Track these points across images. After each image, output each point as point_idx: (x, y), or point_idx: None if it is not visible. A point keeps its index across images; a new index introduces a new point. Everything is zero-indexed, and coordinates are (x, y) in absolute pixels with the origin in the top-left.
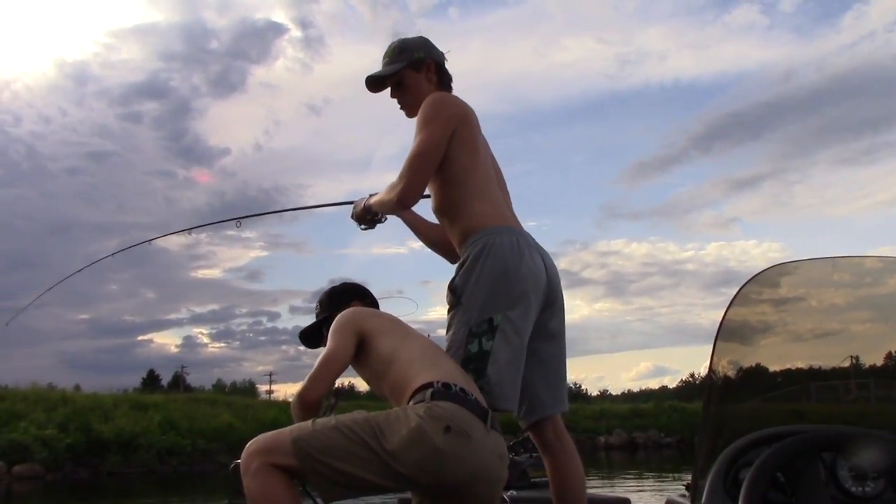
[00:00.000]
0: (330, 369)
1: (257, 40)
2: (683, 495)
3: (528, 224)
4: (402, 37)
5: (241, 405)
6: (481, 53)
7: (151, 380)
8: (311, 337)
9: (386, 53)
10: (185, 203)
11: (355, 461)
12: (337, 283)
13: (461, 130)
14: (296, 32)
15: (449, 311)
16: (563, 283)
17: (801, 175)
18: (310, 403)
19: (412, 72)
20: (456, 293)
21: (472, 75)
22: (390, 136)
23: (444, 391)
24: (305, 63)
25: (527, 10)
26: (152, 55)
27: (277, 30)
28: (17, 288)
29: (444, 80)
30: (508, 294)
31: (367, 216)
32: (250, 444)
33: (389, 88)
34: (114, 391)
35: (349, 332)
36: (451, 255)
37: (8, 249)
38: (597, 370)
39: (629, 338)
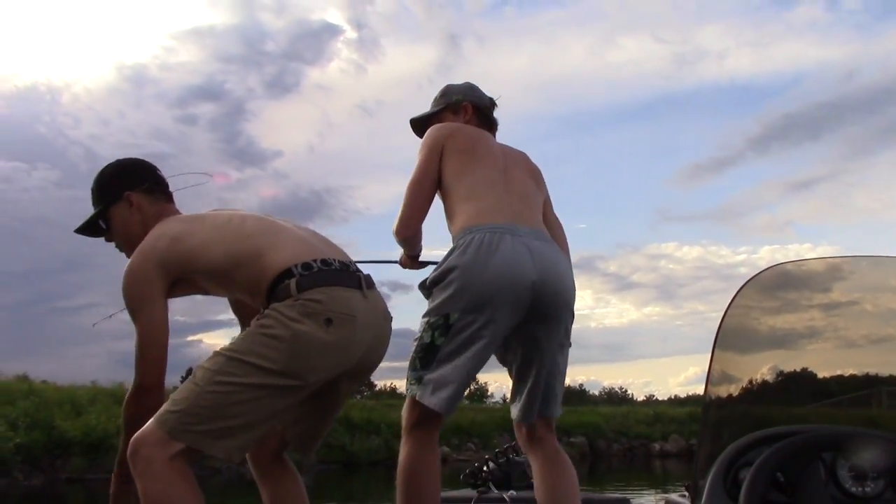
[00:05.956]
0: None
1: (312, 42)
2: (683, 495)
3: (578, 226)
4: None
5: None
6: (534, 53)
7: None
8: (91, 229)
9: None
10: (239, 204)
11: (250, 407)
12: (111, 163)
13: (449, 144)
14: (351, 33)
15: None
16: (612, 287)
17: (860, 177)
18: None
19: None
20: (428, 287)
21: (524, 76)
22: None
23: (307, 275)
24: (359, 64)
25: (583, 8)
26: (210, 57)
27: (332, 31)
28: (73, 288)
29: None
30: (467, 293)
31: (410, 263)
32: (136, 447)
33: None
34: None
35: (153, 282)
36: None
37: (64, 250)
38: (644, 375)
39: (678, 343)
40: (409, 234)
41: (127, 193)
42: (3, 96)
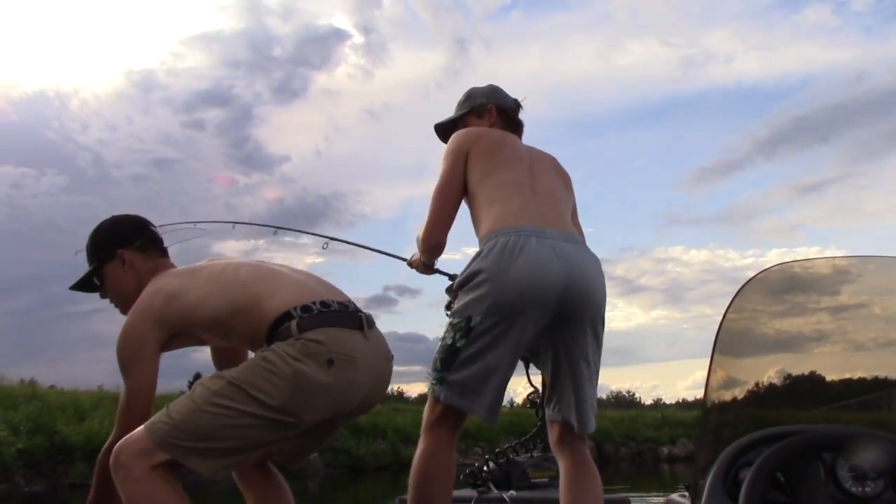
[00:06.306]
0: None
1: (320, 46)
2: (683, 495)
3: (585, 230)
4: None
5: None
6: (541, 57)
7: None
8: (86, 286)
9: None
10: (245, 209)
11: (241, 433)
12: (105, 220)
13: (474, 148)
14: (358, 38)
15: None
16: (619, 291)
17: (870, 180)
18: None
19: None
20: (454, 289)
21: (531, 80)
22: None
23: (307, 317)
24: (367, 69)
25: (590, 12)
26: (217, 62)
27: (340, 36)
28: (81, 293)
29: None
30: (490, 296)
31: (422, 268)
32: (119, 453)
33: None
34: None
35: (151, 343)
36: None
37: (73, 258)
38: (652, 378)
39: (686, 346)
40: (435, 242)
41: (120, 251)
42: (11, 102)
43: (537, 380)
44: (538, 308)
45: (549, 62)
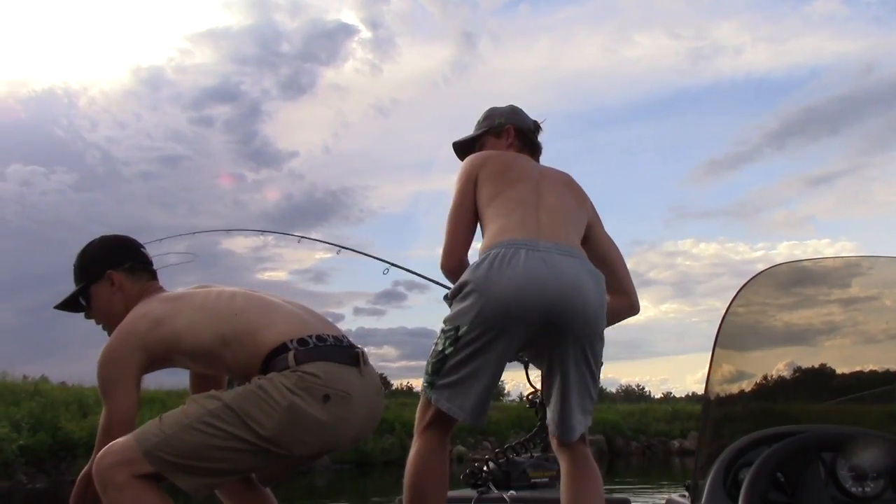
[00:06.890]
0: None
1: (327, 42)
2: (683, 495)
3: None
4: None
5: None
6: (549, 51)
7: None
8: (71, 306)
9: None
10: (254, 206)
11: (228, 456)
12: (94, 240)
13: (483, 171)
14: (366, 33)
15: None
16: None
17: (881, 171)
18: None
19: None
20: (449, 299)
21: (539, 74)
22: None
23: (303, 350)
24: (374, 64)
25: (597, 5)
26: (225, 59)
27: (347, 31)
28: None
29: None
30: (477, 307)
31: None
32: (104, 457)
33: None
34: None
35: (130, 371)
36: None
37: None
38: (661, 372)
39: (695, 340)
40: (454, 265)
41: (108, 272)
42: (20, 100)
43: (537, 380)
44: (525, 320)
45: (556, 55)
